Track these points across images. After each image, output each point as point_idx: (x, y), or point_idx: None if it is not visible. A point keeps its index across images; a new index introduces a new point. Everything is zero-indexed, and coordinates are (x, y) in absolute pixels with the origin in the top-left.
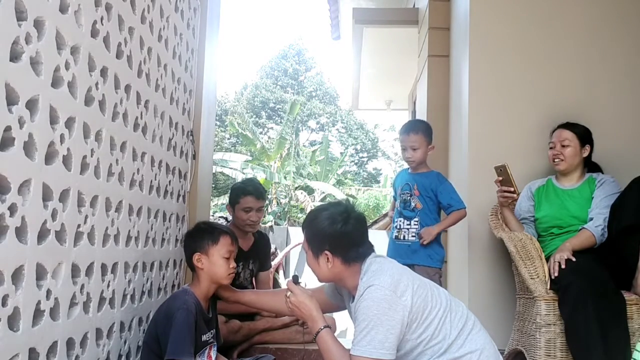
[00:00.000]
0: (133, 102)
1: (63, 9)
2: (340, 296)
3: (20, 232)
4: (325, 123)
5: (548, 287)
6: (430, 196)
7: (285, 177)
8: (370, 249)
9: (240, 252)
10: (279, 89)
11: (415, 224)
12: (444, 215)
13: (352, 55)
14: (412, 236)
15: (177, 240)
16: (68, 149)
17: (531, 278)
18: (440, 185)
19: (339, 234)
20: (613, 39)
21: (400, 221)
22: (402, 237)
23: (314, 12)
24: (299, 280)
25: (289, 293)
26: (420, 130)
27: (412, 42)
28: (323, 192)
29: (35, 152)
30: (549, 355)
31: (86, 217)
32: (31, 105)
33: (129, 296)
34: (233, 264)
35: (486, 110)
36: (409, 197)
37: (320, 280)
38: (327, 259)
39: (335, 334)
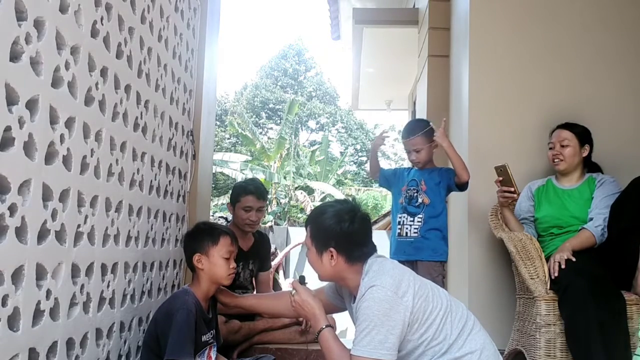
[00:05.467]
0: (133, 102)
1: (63, 9)
2: (340, 297)
3: (20, 232)
4: (325, 123)
5: (548, 287)
6: (438, 189)
7: (285, 177)
8: (373, 249)
9: (240, 252)
10: (278, 89)
11: (419, 221)
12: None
13: (352, 55)
14: (415, 232)
15: (177, 240)
16: (68, 149)
17: (531, 278)
18: (442, 168)
19: (345, 233)
20: (613, 39)
21: (403, 217)
22: (404, 234)
23: (314, 12)
24: (305, 282)
25: (293, 292)
26: (418, 132)
27: (412, 42)
28: (323, 192)
29: (35, 152)
30: (549, 356)
31: (86, 217)
32: (31, 105)
33: (129, 296)
34: (233, 264)
35: (486, 110)
36: (415, 193)
37: (320, 278)
38: (331, 256)
39: (336, 334)
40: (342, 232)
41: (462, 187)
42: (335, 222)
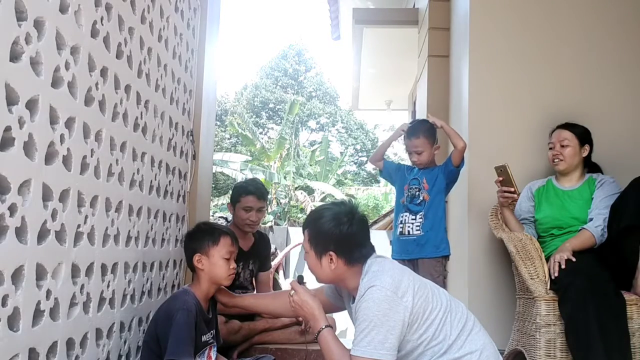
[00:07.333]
0: (133, 102)
1: (63, 9)
2: (340, 297)
3: (20, 232)
4: (325, 123)
5: (548, 287)
6: (438, 183)
7: (285, 177)
8: (372, 249)
9: (241, 252)
10: (279, 89)
11: (420, 219)
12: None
13: (352, 56)
14: (417, 230)
15: (177, 240)
16: (68, 149)
17: (531, 278)
18: (441, 164)
19: (345, 235)
20: (613, 39)
21: (405, 216)
22: (406, 233)
23: (314, 12)
24: (304, 281)
25: (292, 292)
26: (421, 134)
27: (412, 43)
28: (323, 192)
29: (35, 152)
30: (549, 356)
31: (86, 217)
32: (31, 105)
33: (128, 296)
34: (233, 265)
35: (486, 110)
36: (417, 192)
37: (320, 281)
38: (331, 259)
39: (335, 334)
40: (341, 234)
41: (459, 164)
42: (334, 225)
